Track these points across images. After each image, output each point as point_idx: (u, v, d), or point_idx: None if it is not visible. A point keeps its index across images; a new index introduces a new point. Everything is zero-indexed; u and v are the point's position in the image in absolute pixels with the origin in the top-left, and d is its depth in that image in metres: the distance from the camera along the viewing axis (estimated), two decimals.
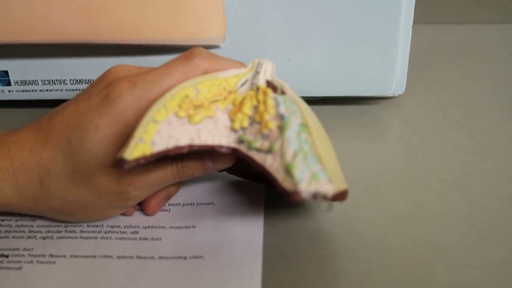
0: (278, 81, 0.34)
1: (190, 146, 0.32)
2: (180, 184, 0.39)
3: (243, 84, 0.34)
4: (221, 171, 0.37)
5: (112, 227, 0.37)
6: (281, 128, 0.31)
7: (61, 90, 0.48)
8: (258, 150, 0.32)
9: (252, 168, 0.32)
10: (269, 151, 0.31)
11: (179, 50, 0.44)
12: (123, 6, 0.41)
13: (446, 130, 0.47)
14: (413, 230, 0.36)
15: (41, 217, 0.38)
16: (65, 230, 0.37)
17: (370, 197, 0.39)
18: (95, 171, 0.33)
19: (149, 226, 0.38)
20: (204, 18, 0.42)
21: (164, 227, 0.37)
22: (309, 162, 0.30)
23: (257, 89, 0.34)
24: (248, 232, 0.37)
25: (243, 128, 0.33)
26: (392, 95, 0.49)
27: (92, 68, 0.47)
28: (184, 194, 0.40)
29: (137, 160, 0.30)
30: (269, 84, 0.34)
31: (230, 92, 0.33)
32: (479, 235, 0.36)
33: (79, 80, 0.48)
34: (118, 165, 0.31)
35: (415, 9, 0.46)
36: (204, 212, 0.39)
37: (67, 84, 0.48)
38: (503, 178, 0.41)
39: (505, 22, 0.67)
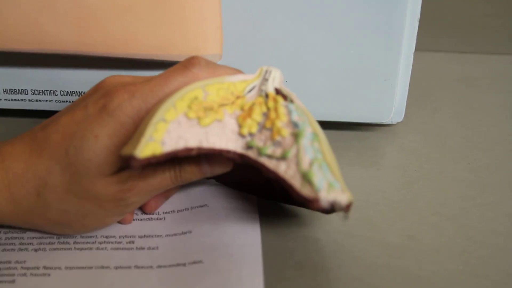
0: (286, 90, 0.35)
1: (199, 149, 0.32)
2: (177, 188, 0.39)
3: (250, 90, 0.34)
4: (216, 178, 0.38)
5: (106, 237, 0.37)
6: (296, 136, 0.32)
7: (51, 101, 0.48)
8: (270, 156, 0.32)
9: (263, 175, 0.32)
10: (283, 158, 0.32)
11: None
12: (118, 19, 0.41)
13: (444, 161, 0.47)
14: (405, 264, 0.36)
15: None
16: (58, 242, 0.37)
17: (362, 227, 0.39)
18: (94, 180, 0.33)
19: (144, 235, 0.38)
20: (200, 35, 0.42)
21: (160, 235, 0.38)
22: (324, 171, 0.31)
23: (266, 95, 0.34)
24: (245, 232, 0.37)
25: (251, 134, 0.33)
26: (390, 122, 0.48)
27: (83, 80, 0.47)
28: (178, 200, 0.41)
29: (148, 159, 0.30)
30: (278, 92, 0.34)
31: (238, 97, 0.34)
32: (473, 272, 0.36)
33: (70, 91, 0.47)
34: (126, 163, 0.30)
35: (417, 36, 0.46)
36: (199, 215, 0.39)
37: (57, 95, 0.48)
38: (501, 213, 0.41)
39: (509, 53, 0.67)
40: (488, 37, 0.72)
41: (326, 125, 0.47)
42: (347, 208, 0.31)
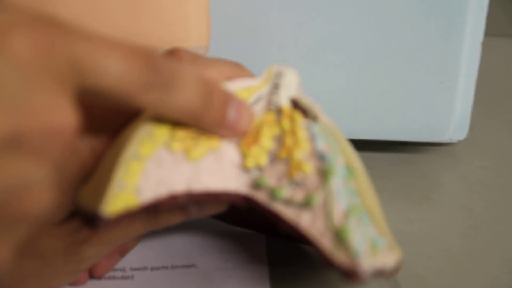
0: (306, 101, 0.32)
1: (188, 194, 0.29)
2: (140, 236, 0.38)
3: (256, 102, 0.32)
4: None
5: None
6: (324, 174, 0.30)
7: None
8: (287, 202, 0.30)
9: (279, 227, 0.30)
10: (306, 204, 0.29)
11: None
12: (98, 10, 0.40)
13: None
14: None
15: None
16: None
17: None
18: (40, 232, 0.31)
19: None
20: (181, 22, 0.41)
21: None
22: (364, 223, 0.29)
23: (279, 111, 0.32)
24: None
25: (259, 168, 0.31)
26: (448, 141, 0.46)
27: None
28: (152, 253, 0.38)
29: (119, 217, 0.28)
30: (296, 105, 0.32)
31: None
32: None
33: None
34: (90, 224, 0.29)
35: (487, 19, 0.44)
36: (184, 278, 0.37)
37: None
38: None
39: None
40: None
41: (359, 145, 0.43)
42: (393, 272, 0.29)
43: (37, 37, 0.24)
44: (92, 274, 0.37)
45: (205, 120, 0.30)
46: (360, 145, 0.42)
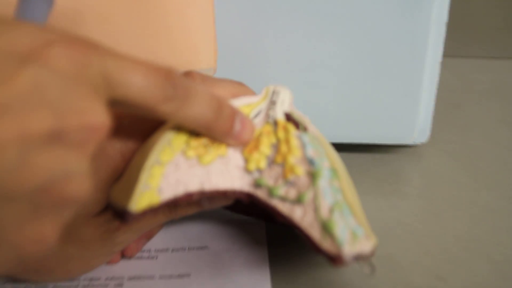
0: (298, 114, 0.34)
1: (201, 193, 0.31)
2: (162, 223, 0.39)
3: (256, 116, 0.34)
4: None
5: (91, 279, 0.36)
6: (313, 176, 0.31)
7: None
8: (283, 198, 0.31)
9: (276, 219, 0.32)
10: (298, 201, 0.31)
11: None
12: (95, 29, 0.41)
13: (476, 188, 0.47)
14: None
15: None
16: (34, 287, 0.36)
17: (383, 267, 0.38)
18: (80, 221, 0.33)
19: (135, 276, 0.37)
20: (190, 47, 0.42)
21: (153, 277, 0.37)
22: (346, 216, 0.30)
23: (275, 123, 0.33)
24: (253, 279, 0.36)
25: (259, 170, 0.32)
26: (413, 143, 0.48)
27: None
28: (172, 237, 0.40)
29: (144, 212, 0.30)
30: (289, 118, 0.34)
31: None
32: None
33: None
34: (120, 218, 0.30)
35: (445, 41, 0.45)
36: (198, 258, 0.38)
37: None
38: None
39: None
40: None
41: (339, 147, 0.48)
42: (370, 256, 0.30)
43: (73, 52, 0.25)
44: (124, 255, 0.38)
45: (216, 130, 0.31)
46: (341, 147, 0.45)
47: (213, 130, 0.31)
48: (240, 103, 0.33)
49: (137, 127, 0.33)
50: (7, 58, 0.24)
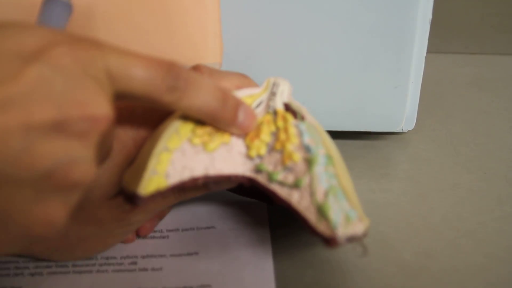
0: (296, 104, 0.34)
1: (206, 177, 0.32)
2: (173, 205, 0.39)
3: (257, 106, 0.34)
4: None
5: (107, 258, 0.37)
6: (309, 162, 0.32)
7: None
8: (281, 183, 0.32)
9: (275, 202, 0.32)
10: (295, 186, 0.31)
11: None
12: (113, 28, 0.41)
13: (458, 171, 0.47)
14: (422, 284, 0.36)
15: None
16: (55, 265, 0.36)
17: (375, 245, 0.39)
18: (97, 203, 0.33)
19: (147, 255, 0.38)
20: (200, 43, 0.42)
21: (164, 255, 0.38)
22: (340, 200, 0.31)
23: (275, 113, 0.34)
24: (256, 256, 0.37)
25: (260, 156, 0.33)
26: (401, 130, 0.49)
27: None
28: (182, 218, 0.40)
29: (152, 195, 0.30)
30: (288, 108, 0.34)
31: None
32: None
33: None
34: (130, 201, 0.31)
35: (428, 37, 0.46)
36: (206, 236, 0.39)
37: None
38: None
39: None
40: (500, 37, 0.72)
41: (333, 134, 0.47)
42: (363, 237, 0.30)
43: (76, 51, 0.26)
44: (138, 234, 0.39)
45: (221, 119, 0.31)
46: (336, 135, 0.44)
47: (218, 120, 0.31)
48: (243, 94, 0.34)
49: (148, 116, 0.34)
50: (15, 57, 0.25)
